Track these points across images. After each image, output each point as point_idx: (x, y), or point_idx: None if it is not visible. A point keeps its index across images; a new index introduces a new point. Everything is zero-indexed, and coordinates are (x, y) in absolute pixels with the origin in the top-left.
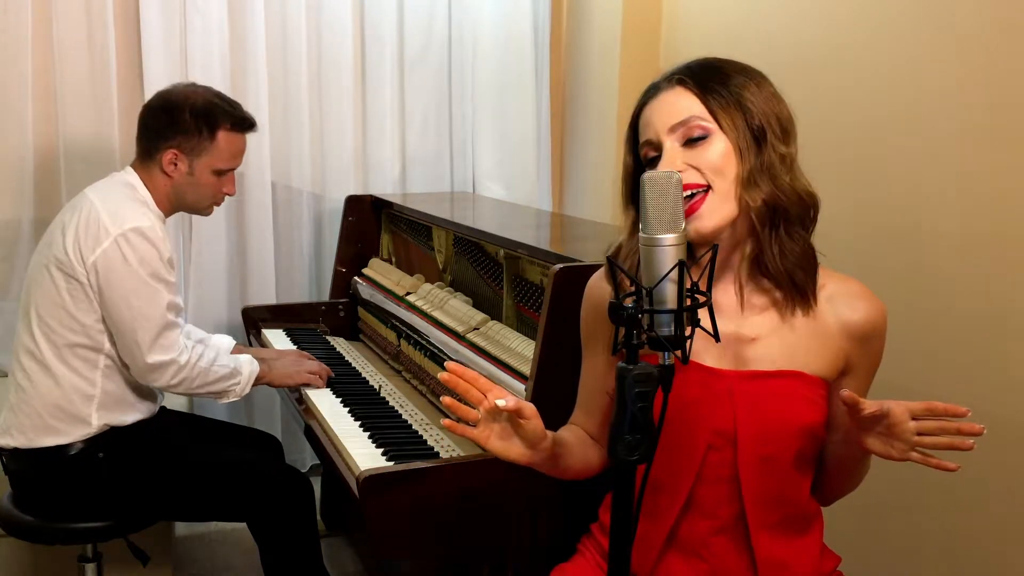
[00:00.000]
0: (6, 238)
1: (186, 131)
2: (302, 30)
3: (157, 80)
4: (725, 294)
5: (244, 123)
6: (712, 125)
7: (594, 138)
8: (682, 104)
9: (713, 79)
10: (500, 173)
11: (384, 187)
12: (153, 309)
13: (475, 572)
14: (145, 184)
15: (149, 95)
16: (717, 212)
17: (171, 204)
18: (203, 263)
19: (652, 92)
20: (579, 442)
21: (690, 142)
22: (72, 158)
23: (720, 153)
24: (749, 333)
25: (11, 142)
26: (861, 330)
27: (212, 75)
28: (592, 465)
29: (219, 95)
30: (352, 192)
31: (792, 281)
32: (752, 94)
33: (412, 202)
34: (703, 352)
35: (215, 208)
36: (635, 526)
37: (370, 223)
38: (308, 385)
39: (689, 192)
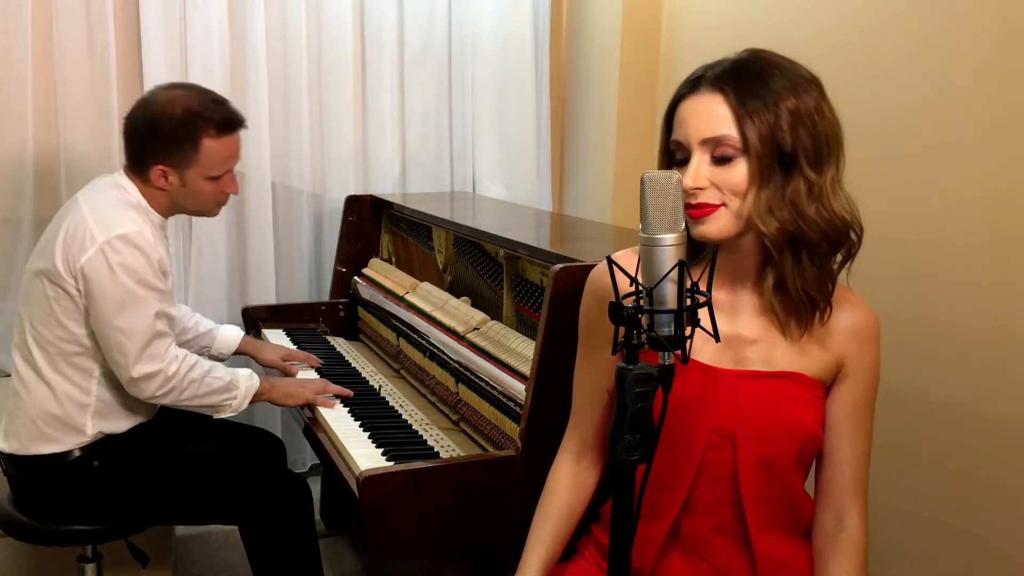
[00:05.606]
0: (6, 238)
1: (168, 145)
2: (302, 30)
3: (157, 80)
4: (731, 294)
5: (230, 124)
6: (741, 145)
7: (594, 138)
8: (717, 117)
9: (753, 90)
10: (500, 173)
11: (384, 187)
12: (140, 320)
13: (474, 572)
14: (139, 189)
15: None
16: (722, 225)
17: (170, 210)
18: (203, 263)
19: (693, 87)
20: (569, 493)
21: (718, 160)
22: (72, 158)
23: (744, 177)
24: (750, 334)
25: (11, 142)
26: (854, 336)
27: (212, 75)
28: (590, 492)
29: (201, 98)
30: (352, 192)
31: (806, 300)
32: (791, 112)
33: (412, 202)
34: (702, 350)
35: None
36: (635, 526)
37: (370, 223)
38: (314, 405)
39: (701, 204)
